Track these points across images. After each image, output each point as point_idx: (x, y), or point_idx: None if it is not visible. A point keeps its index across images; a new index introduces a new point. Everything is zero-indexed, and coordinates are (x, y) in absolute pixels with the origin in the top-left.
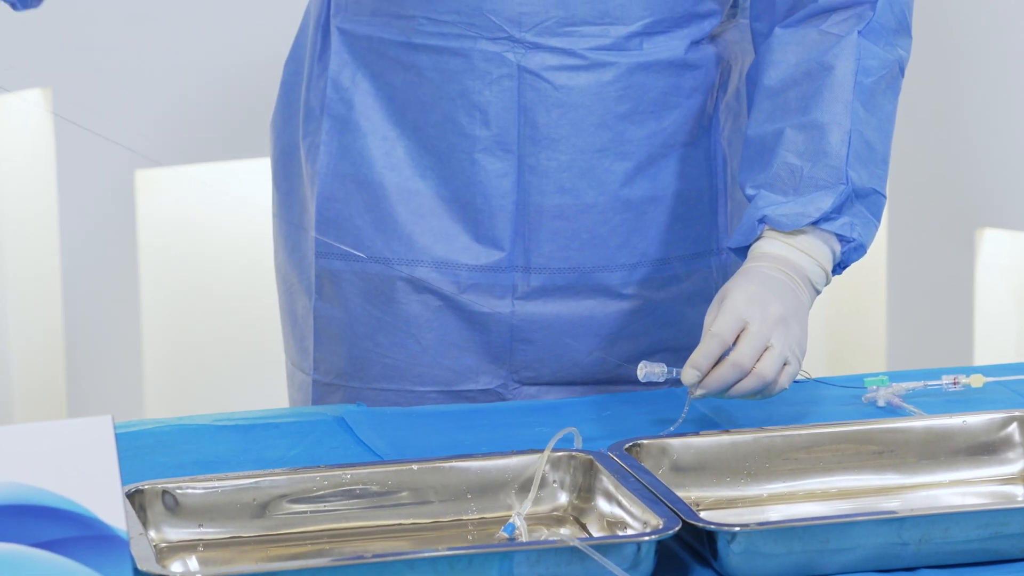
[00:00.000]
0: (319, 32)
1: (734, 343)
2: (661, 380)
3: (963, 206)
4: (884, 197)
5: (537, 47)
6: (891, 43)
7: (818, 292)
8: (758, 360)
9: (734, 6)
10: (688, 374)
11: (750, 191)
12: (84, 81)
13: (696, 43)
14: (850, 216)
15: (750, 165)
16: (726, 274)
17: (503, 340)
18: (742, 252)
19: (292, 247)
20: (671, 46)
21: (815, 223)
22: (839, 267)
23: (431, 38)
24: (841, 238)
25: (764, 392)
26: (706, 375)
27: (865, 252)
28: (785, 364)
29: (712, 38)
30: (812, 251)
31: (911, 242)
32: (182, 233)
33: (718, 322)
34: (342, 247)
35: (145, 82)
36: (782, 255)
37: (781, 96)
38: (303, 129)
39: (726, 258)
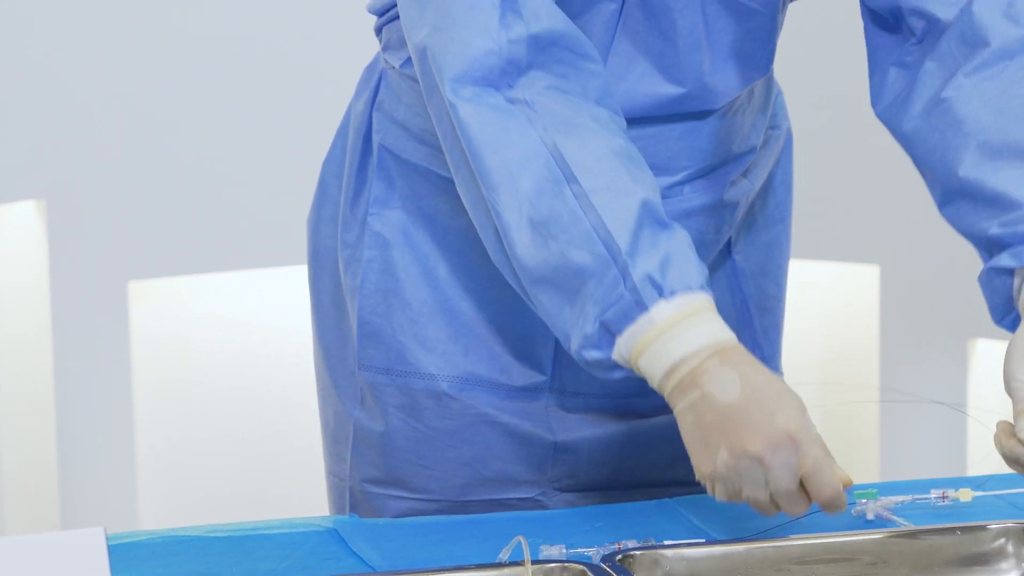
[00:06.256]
0: (361, 142)
1: None
2: None
3: (956, 316)
4: None
5: None
6: None
7: None
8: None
9: (772, 125)
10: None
11: (995, 231)
12: (78, 192)
13: (734, 182)
14: None
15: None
16: None
17: (545, 452)
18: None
19: (327, 353)
20: (711, 189)
21: None
22: None
23: None
24: None
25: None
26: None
27: None
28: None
29: (747, 171)
30: None
31: (904, 352)
32: (176, 343)
33: None
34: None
35: (137, 194)
36: None
37: None
38: (341, 239)
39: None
